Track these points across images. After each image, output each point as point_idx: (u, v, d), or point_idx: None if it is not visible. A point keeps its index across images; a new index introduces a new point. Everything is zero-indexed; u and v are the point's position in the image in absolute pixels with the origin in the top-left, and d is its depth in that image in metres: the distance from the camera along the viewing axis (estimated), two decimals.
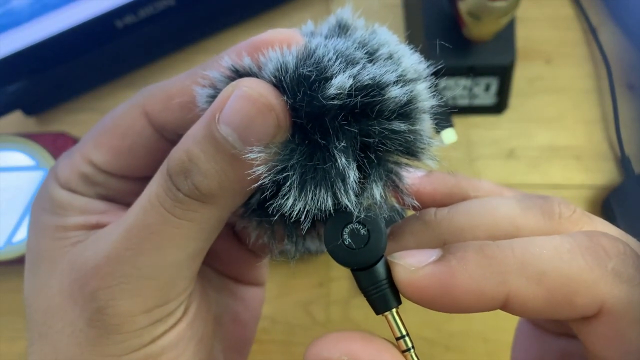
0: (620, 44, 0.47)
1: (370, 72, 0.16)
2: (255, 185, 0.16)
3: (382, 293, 0.18)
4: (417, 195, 0.19)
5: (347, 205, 0.16)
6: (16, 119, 0.45)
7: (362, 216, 0.17)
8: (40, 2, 0.39)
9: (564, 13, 0.48)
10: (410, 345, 0.17)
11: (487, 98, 0.44)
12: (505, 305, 0.16)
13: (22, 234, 0.41)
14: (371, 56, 0.17)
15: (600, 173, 0.45)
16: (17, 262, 0.41)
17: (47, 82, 0.43)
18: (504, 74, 0.43)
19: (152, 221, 0.17)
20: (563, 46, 0.47)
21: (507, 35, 0.42)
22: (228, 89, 0.16)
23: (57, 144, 0.43)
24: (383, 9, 0.47)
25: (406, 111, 0.17)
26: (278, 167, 0.16)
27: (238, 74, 0.18)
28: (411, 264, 0.16)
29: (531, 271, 0.15)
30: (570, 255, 0.15)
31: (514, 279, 0.15)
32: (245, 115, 0.16)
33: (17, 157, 0.42)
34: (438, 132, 0.40)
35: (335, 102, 0.16)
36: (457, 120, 0.43)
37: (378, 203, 0.17)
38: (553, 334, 0.20)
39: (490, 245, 0.16)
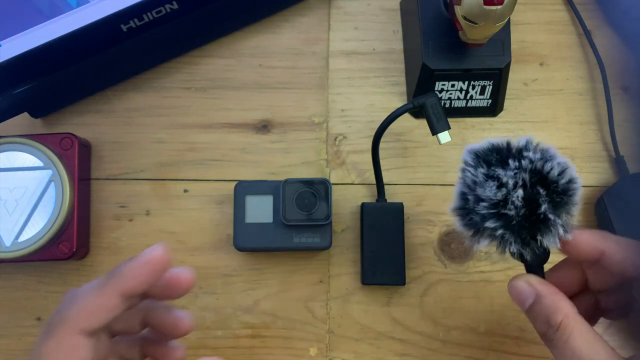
0: (614, 46, 0.48)
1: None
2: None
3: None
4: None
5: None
6: (23, 121, 0.46)
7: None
8: None
9: (559, 17, 0.48)
10: None
11: (482, 100, 0.45)
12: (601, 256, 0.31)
13: (28, 232, 0.42)
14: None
15: (594, 173, 0.46)
16: (24, 260, 0.42)
17: (53, 85, 0.44)
18: (499, 77, 0.44)
19: None
20: (558, 49, 0.48)
21: (502, 39, 0.43)
22: None
23: (63, 145, 0.44)
24: (381, 12, 0.48)
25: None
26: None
27: None
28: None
29: (614, 241, 0.31)
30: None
31: (608, 243, 0.31)
32: None
33: (24, 158, 0.43)
34: (435, 133, 0.41)
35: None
36: (453, 121, 0.44)
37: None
38: None
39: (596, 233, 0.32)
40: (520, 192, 0.30)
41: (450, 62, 0.43)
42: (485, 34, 0.39)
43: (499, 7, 0.35)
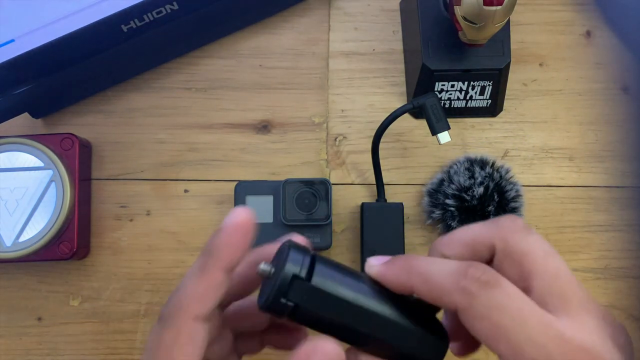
0: (614, 47, 0.48)
1: None
2: None
3: None
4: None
5: None
6: (23, 121, 0.46)
7: None
8: None
9: (559, 17, 0.48)
10: None
11: (482, 100, 0.45)
12: (413, 292, 0.26)
13: (29, 232, 0.42)
14: None
15: (593, 173, 0.46)
16: (25, 260, 0.42)
17: (54, 85, 0.44)
18: (498, 77, 0.44)
19: None
20: (557, 49, 0.48)
21: (502, 39, 0.43)
22: (307, 349, 0.23)
23: (63, 145, 0.44)
24: (381, 13, 0.48)
25: None
26: None
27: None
28: (371, 264, 0.27)
29: (423, 278, 0.25)
30: (447, 275, 0.25)
31: (414, 279, 0.25)
32: None
33: (25, 158, 0.43)
34: (434, 134, 0.41)
35: None
36: (453, 122, 0.44)
37: None
38: None
39: (410, 258, 0.27)
40: (481, 189, 0.42)
41: (450, 62, 0.43)
42: (485, 35, 0.39)
43: (499, 7, 0.35)
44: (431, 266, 0.26)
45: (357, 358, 0.26)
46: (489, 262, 0.26)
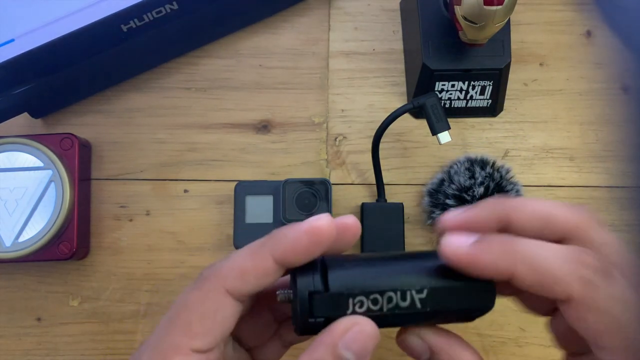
0: (614, 46, 0.48)
1: None
2: None
3: None
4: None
5: None
6: (23, 121, 0.46)
7: None
8: None
9: (559, 17, 0.48)
10: None
11: (482, 100, 0.45)
12: (511, 279, 0.23)
13: (29, 233, 0.42)
14: None
15: (593, 173, 0.46)
16: (24, 260, 0.42)
17: (54, 85, 0.44)
18: (499, 77, 0.44)
19: None
20: (558, 49, 0.48)
21: (502, 39, 0.43)
22: (347, 323, 0.23)
23: (63, 145, 0.44)
24: (381, 13, 0.48)
25: None
26: None
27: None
28: (454, 244, 0.24)
29: (531, 264, 0.23)
30: (559, 261, 0.23)
31: (519, 265, 0.23)
32: (363, 344, 0.23)
33: (25, 158, 0.43)
34: (435, 133, 0.41)
35: None
36: (453, 122, 0.44)
37: None
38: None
39: (511, 240, 0.23)
40: (481, 189, 0.42)
41: (450, 62, 0.43)
42: (485, 34, 0.39)
43: (499, 7, 0.35)
44: (538, 250, 0.23)
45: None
46: None
